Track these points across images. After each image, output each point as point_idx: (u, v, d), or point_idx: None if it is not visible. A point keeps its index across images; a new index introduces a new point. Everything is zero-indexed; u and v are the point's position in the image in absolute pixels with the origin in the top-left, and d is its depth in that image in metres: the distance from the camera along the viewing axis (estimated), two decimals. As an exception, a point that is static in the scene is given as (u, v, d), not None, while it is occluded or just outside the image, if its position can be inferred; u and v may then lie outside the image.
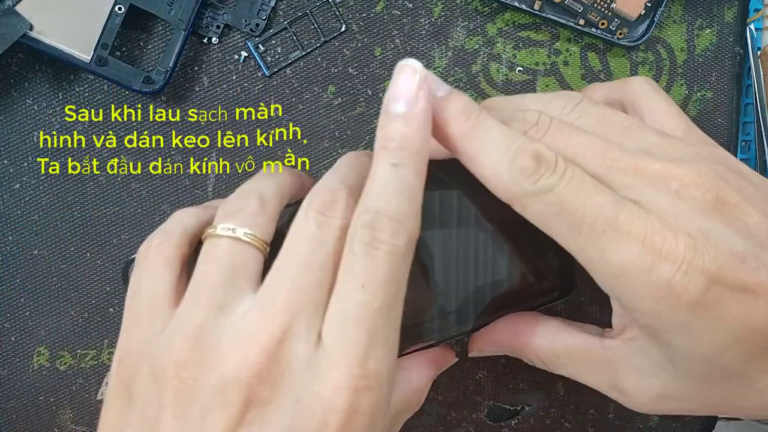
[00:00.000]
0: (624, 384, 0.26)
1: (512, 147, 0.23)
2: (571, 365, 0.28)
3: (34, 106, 0.32)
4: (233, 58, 0.32)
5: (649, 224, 0.22)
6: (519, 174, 0.23)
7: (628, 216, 0.22)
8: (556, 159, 0.23)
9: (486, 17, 0.33)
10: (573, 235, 0.23)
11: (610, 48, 0.34)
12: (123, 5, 0.30)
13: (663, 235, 0.22)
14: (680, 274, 0.22)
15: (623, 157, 0.24)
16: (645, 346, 0.25)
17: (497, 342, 0.30)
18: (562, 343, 0.28)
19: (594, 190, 0.23)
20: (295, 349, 0.21)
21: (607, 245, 0.22)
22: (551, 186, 0.23)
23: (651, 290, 0.22)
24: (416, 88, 0.23)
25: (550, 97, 0.27)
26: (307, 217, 0.23)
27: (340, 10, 0.33)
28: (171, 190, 0.33)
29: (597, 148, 0.24)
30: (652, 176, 0.24)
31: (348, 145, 0.33)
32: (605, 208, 0.22)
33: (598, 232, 0.22)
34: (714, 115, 0.34)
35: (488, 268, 0.32)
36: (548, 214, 0.23)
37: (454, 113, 0.24)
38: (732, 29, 0.34)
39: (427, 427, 0.35)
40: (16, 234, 0.32)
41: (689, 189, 0.23)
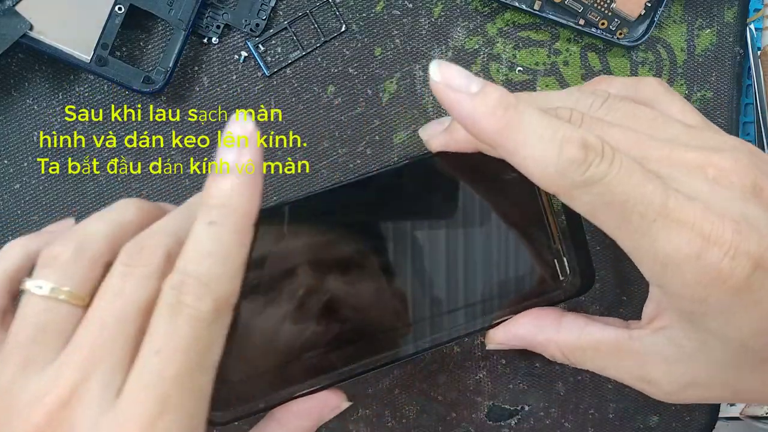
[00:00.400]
0: (652, 374, 0.26)
1: (557, 136, 0.22)
2: (598, 359, 0.28)
3: (34, 106, 0.32)
4: (233, 58, 0.32)
5: (697, 210, 0.22)
6: (567, 164, 0.22)
7: (677, 203, 0.22)
8: (602, 146, 0.22)
9: (486, 17, 0.33)
10: (623, 225, 0.23)
11: (610, 48, 0.34)
12: (123, 5, 0.30)
13: (711, 221, 0.22)
14: (728, 259, 0.22)
15: (658, 147, 0.24)
16: (676, 334, 0.25)
17: (520, 336, 0.30)
18: (589, 336, 0.28)
19: (644, 177, 0.22)
20: (82, 412, 0.20)
21: (658, 233, 0.22)
22: (601, 175, 0.22)
23: (699, 276, 0.22)
24: (240, 144, 0.23)
25: (577, 95, 0.27)
26: (113, 268, 0.22)
27: (340, 10, 0.33)
28: (171, 190, 0.33)
29: (631, 139, 0.24)
30: (688, 164, 0.23)
31: (348, 145, 0.33)
32: (655, 196, 0.22)
33: (649, 221, 0.22)
34: (714, 115, 0.34)
35: (506, 264, 0.32)
36: (598, 204, 0.23)
37: (490, 107, 0.23)
38: (732, 29, 0.34)
39: (427, 427, 0.35)
40: (16, 234, 0.32)
41: (727, 175, 0.23)
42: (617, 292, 0.35)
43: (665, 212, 0.22)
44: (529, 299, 0.31)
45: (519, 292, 0.32)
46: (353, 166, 0.33)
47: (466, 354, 0.35)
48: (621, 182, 0.22)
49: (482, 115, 0.23)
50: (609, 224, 0.23)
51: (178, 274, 0.21)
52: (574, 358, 0.29)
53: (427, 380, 0.35)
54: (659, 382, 0.26)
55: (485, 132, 0.23)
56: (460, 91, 0.23)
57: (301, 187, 0.33)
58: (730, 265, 0.22)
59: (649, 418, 0.36)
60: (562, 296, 0.32)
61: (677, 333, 0.25)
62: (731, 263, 0.22)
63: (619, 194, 0.22)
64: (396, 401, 0.35)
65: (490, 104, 0.23)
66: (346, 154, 0.33)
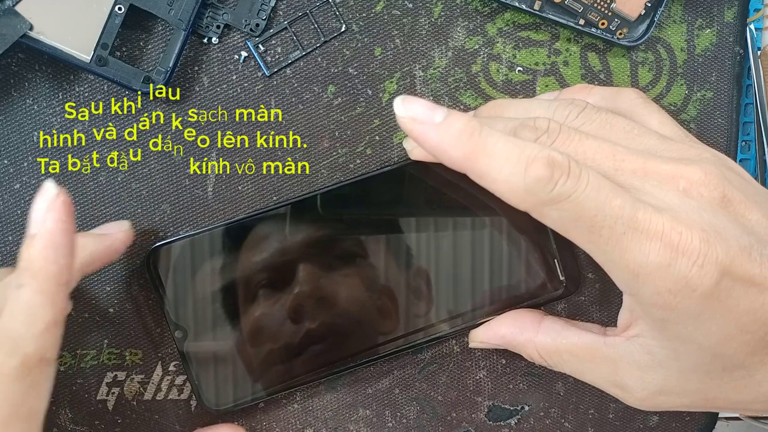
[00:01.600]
0: (625, 380, 0.27)
1: (523, 157, 0.23)
2: (573, 362, 0.29)
3: (34, 106, 0.32)
4: (233, 58, 0.32)
5: (665, 221, 0.23)
6: (534, 183, 0.23)
7: (645, 215, 0.23)
8: (569, 164, 0.23)
9: (486, 17, 0.33)
10: (593, 239, 0.23)
11: (610, 48, 0.34)
12: (123, 5, 0.30)
13: (679, 231, 0.23)
14: (696, 267, 0.22)
15: (632, 159, 0.24)
16: (649, 342, 0.26)
17: (501, 335, 0.31)
18: (566, 340, 0.29)
19: (611, 193, 0.23)
20: None
21: (627, 246, 0.23)
22: (569, 192, 0.23)
23: (669, 284, 0.23)
24: (45, 210, 0.24)
25: (555, 105, 0.28)
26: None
27: (340, 10, 0.33)
28: (171, 190, 0.33)
29: (606, 150, 0.25)
30: (660, 176, 0.24)
31: (348, 145, 0.33)
32: (624, 209, 0.23)
33: (618, 234, 0.23)
34: (714, 115, 0.34)
35: (495, 266, 0.32)
36: (567, 220, 0.23)
37: (454, 136, 0.24)
38: (732, 29, 0.34)
39: (427, 427, 0.35)
40: (16, 234, 0.32)
41: (697, 187, 0.24)
42: (617, 292, 0.35)
43: (634, 224, 0.23)
44: (514, 302, 0.32)
45: (503, 294, 0.32)
46: (353, 166, 0.33)
47: (466, 354, 0.35)
48: (589, 198, 0.23)
49: (448, 144, 0.24)
50: (580, 239, 0.24)
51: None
52: (551, 361, 0.29)
53: (427, 380, 0.35)
54: (632, 388, 0.27)
55: (453, 159, 0.24)
56: (424, 122, 0.24)
57: (301, 187, 0.33)
58: (699, 273, 0.22)
59: (649, 418, 0.36)
60: (548, 298, 0.32)
61: (649, 341, 0.26)
62: (700, 271, 0.22)
63: (587, 210, 0.23)
64: (396, 401, 0.35)
65: (454, 133, 0.24)
66: (346, 154, 0.33)
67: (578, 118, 0.27)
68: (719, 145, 0.35)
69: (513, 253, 0.32)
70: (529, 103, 0.29)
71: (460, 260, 0.32)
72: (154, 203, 0.33)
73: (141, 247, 0.33)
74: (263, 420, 0.34)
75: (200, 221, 0.33)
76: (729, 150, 0.35)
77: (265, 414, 0.34)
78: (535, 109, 0.28)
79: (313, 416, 0.35)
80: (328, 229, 0.32)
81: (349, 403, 0.35)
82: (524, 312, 0.31)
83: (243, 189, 0.33)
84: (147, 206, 0.33)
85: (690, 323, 0.24)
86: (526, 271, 0.32)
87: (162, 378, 0.33)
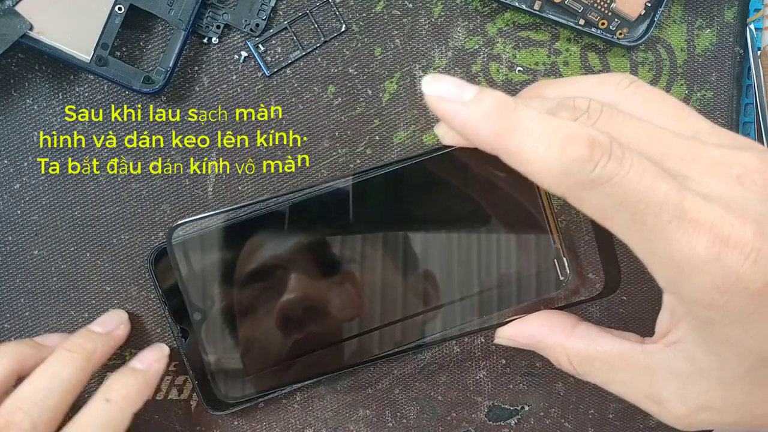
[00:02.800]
0: (663, 393, 0.24)
1: (560, 134, 0.21)
2: (605, 371, 0.26)
3: (34, 106, 0.32)
4: (233, 58, 0.32)
5: (716, 211, 0.21)
6: (572, 164, 0.21)
7: (693, 203, 0.21)
8: (611, 144, 0.21)
9: (486, 17, 0.33)
10: (636, 227, 0.21)
11: (610, 48, 0.34)
12: (123, 5, 0.30)
13: (731, 222, 0.21)
14: (749, 263, 0.20)
15: (680, 143, 0.23)
16: (690, 348, 0.23)
17: (530, 335, 0.29)
18: (600, 347, 0.26)
19: (657, 177, 0.21)
20: None
21: (673, 235, 0.21)
22: (610, 174, 0.21)
23: (718, 280, 0.21)
24: (155, 359, 0.32)
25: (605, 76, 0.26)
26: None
27: (340, 10, 0.33)
28: (171, 190, 0.33)
29: (652, 133, 0.23)
30: (710, 162, 0.22)
31: (348, 145, 0.33)
32: (670, 196, 0.21)
33: (663, 223, 0.21)
34: (714, 115, 0.34)
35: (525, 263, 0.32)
36: (608, 205, 0.21)
37: (485, 113, 0.22)
38: (732, 29, 0.34)
39: (427, 427, 0.35)
40: (16, 234, 0.32)
41: (751, 174, 0.22)
42: (617, 292, 0.35)
43: (681, 213, 0.21)
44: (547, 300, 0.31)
45: (518, 291, 0.32)
46: (353, 166, 0.33)
47: (466, 354, 0.35)
48: (632, 182, 0.21)
49: (478, 122, 0.22)
50: (621, 227, 0.22)
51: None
52: (582, 368, 0.27)
53: (427, 380, 0.35)
54: (669, 402, 0.24)
55: (484, 139, 0.23)
56: (453, 101, 0.23)
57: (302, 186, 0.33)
58: (752, 269, 0.20)
59: (650, 419, 0.36)
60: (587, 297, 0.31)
61: (691, 346, 0.23)
62: (752, 267, 0.20)
63: (630, 195, 0.21)
64: (396, 401, 0.35)
65: (484, 110, 0.22)
66: (346, 154, 0.33)
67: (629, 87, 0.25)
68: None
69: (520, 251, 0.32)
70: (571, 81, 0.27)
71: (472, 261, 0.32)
72: (154, 203, 0.33)
73: (141, 248, 0.33)
74: (263, 420, 0.34)
75: (200, 221, 0.33)
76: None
77: (265, 414, 0.34)
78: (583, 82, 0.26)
79: (313, 416, 0.35)
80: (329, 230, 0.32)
81: (349, 403, 0.35)
82: (557, 313, 0.28)
83: (243, 189, 0.33)
84: (147, 206, 0.33)
85: (739, 324, 0.21)
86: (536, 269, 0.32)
87: (162, 378, 0.34)
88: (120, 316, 0.33)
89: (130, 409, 0.30)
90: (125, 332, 0.32)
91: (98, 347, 0.31)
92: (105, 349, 0.31)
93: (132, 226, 0.33)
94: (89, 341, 0.30)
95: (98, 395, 0.30)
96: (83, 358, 0.30)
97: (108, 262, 0.33)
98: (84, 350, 0.30)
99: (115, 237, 0.33)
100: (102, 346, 0.31)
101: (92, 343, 0.30)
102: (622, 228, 0.22)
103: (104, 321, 0.32)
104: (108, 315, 0.33)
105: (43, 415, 0.28)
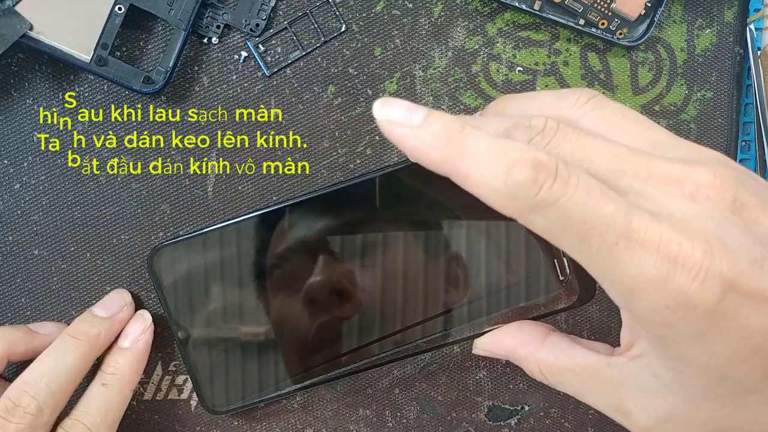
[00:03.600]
0: (629, 405, 0.25)
1: (505, 158, 0.21)
2: (575, 383, 0.27)
3: (34, 106, 0.32)
4: (233, 58, 0.32)
5: (663, 230, 0.21)
6: (517, 187, 0.21)
7: (641, 223, 0.21)
8: (556, 166, 0.21)
9: (486, 17, 0.33)
10: (584, 248, 0.22)
11: (610, 48, 0.34)
12: (123, 5, 0.30)
13: (679, 242, 0.21)
14: (697, 282, 0.21)
15: (634, 160, 0.23)
16: (654, 363, 0.24)
17: (504, 345, 0.29)
18: (569, 359, 0.27)
19: (603, 198, 0.21)
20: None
21: (621, 256, 0.21)
22: (555, 197, 0.21)
23: (667, 300, 0.21)
24: (140, 332, 0.32)
25: (565, 92, 0.26)
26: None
27: (340, 10, 0.33)
28: (171, 190, 0.33)
29: (607, 151, 0.23)
30: (664, 178, 0.22)
31: (348, 145, 0.33)
32: (617, 216, 0.21)
33: (610, 244, 0.21)
34: (714, 115, 0.34)
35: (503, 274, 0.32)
36: (555, 227, 0.22)
37: (433, 138, 0.22)
38: (732, 29, 0.34)
39: (427, 427, 0.35)
40: (16, 234, 0.32)
41: (704, 190, 0.22)
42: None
43: (628, 234, 0.21)
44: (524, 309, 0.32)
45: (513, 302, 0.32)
46: (353, 166, 0.33)
47: (466, 354, 0.35)
48: (578, 203, 0.21)
49: (427, 146, 0.23)
50: (570, 247, 0.22)
51: (70, 419, 0.30)
52: (553, 379, 0.27)
53: (427, 380, 0.35)
54: (635, 414, 0.25)
55: (433, 162, 0.23)
56: (403, 125, 0.23)
57: (301, 187, 0.33)
58: (700, 288, 0.20)
59: (649, 418, 0.36)
60: (562, 306, 0.32)
61: (654, 361, 0.24)
62: (701, 287, 0.20)
63: (576, 216, 0.21)
64: (396, 401, 0.35)
65: (432, 134, 0.22)
66: (347, 154, 0.33)
67: (588, 102, 0.25)
68: (719, 145, 0.35)
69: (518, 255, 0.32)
70: (532, 96, 0.27)
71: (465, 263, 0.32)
72: (154, 203, 0.33)
73: (141, 248, 0.33)
74: (263, 420, 0.34)
75: (200, 221, 0.33)
76: (729, 150, 0.35)
77: (265, 414, 0.34)
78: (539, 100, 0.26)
79: (313, 416, 0.35)
80: (329, 231, 0.32)
81: (349, 403, 0.35)
82: (530, 324, 0.29)
83: (243, 189, 0.33)
84: (147, 206, 0.33)
85: (693, 342, 0.22)
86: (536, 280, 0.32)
87: (162, 378, 0.34)
88: (124, 298, 0.32)
89: (126, 388, 0.31)
90: (129, 314, 0.32)
91: (102, 333, 0.31)
92: (108, 334, 0.31)
93: (132, 226, 0.33)
94: (93, 327, 0.31)
95: (95, 381, 0.31)
96: (87, 344, 0.30)
97: (108, 262, 0.33)
98: (88, 337, 0.30)
99: (115, 237, 0.33)
100: (105, 332, 0.31)
101: (96, 329, 0.31)
102: (571, 249, 0.22)
103: (108, 303, 0.32)
104: (111, 296, 0.33)
105: (49, 400, 0.29)
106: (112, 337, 0.31)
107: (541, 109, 0.26)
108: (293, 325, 0.32)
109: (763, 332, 0.21)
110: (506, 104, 0.28)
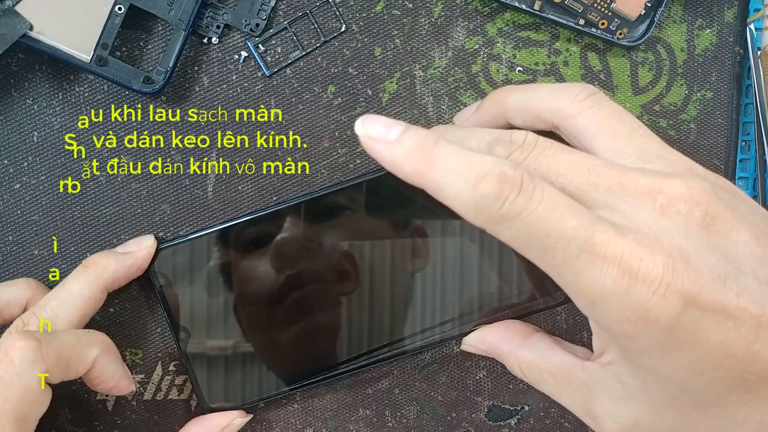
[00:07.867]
0: (597, 410, 0.25)
1: (473, 172, 0.22)
2: (551, 383, 0.28)
3: (34, 106, 0.32)
4: (233, 58, 0.32)
5: (626, 245, 0.21)
6: (482, 200, 0.22)
7: (603, 237, 0.21)
8: (521, 180, 0.22)
9: (486, 17, 0.33)
10: (548, 260, 0.22)
11: (610, 48, 0.34)
12: (123, 5, 0.30)
13: (640, 256, 0.21)
14: (657, 297, 0.21)
15: (608, 173, 0.23)
16: (621, 371, 0.24)
17: (488, 342, 0.30)
18: (547, 360, 0.28)
19: (566, 212, 0.22)
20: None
21: (582, 269, 0.22)
22: (519, 210, 0.22)
23: (627, 313, 0.21)
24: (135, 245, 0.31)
25: (564, 86, 0.27)
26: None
27: (340, 10, 0.33)
28: (171, 190, 0.33)
29: (582, 165, 0.24)
30: (636, 191, 0.23)
31: (348, 145, 0.33)
32: (579, 231, 0.21)
33: (572, 257, 0.22)
34: (714, 115, 0.34)
35: (487, 274, 0.32)
36: (520, 239, 0.22)
37: (406, 153, 0.23)
38: (732, 29, 0.34)
39: (427, 427, 0.35)
40: (16, 234, 0.32)
41: (675, 203, 0.22)
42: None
43: (589, 247, 0.21)
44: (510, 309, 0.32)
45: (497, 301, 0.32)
46: (353, 166, 0.33)
47: (466, 354, 0.35)
48: (540, 217, 0.22)
49: (401, 160, 0.23)
50: (536, 259, 0.23)
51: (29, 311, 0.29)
52: (531, 378, 0.28)
53: (427, 380, 0.35)
54: (603, 419, 0.25)
55: (407, 176, 0.24)
56: (381, 140, 0.24)
57: (301, 187, 0.33)
58: (660, 303, 0.21)
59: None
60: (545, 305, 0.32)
61: (621, 369, 0.24)
62: (661, 301, 0.21)
63: (539, 229, 0.22)
64: (396, 401, 0.35)
65: (406, 149, 0.23)
66: (347, 154, 0.33)
67: (586, 100, 0.26)
68: (719, 145, 0.35)
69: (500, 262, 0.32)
70: (532, 88, 0.28)
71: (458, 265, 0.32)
72: (154, 203, 0.33)
73: (141, 247, 0.33)
74: (263, 420, 0.34)
75: (200, 221, 0.33)
76: (729, 150, 0.35)
77: (265, 414, 0.34)
78: (539, 92, 0.27)
79: (313, 416, 0.35)
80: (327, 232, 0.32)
81: (349, 403, 0.35)
82: (514, 323, 0.30)
83: (243, 189, 0.33)
84: (147, 206, 0.33)
85: (654, 354, 0.22)
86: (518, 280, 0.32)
87: (162, 378, 0.34)
88: (146, 240, 0.32)
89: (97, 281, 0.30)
90: (147, 254, 0.31)
91: (111, 263, 0.30)
92: (119, 266, 0.31)
93: (132, 226, 0.33)
94: (103, 257, 0.31)
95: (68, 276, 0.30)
96: (93, 273, 0.30)
97: (108, 262, 0.33)
98: (96, 265, 0.30)
99: (115, 237, 0.33)
100: (116, 263, 0.30)
101: (105, 260, 0.30)
102: (537, 260, 0.23)
103: (128, 243, 0.32)
104: (135, 239, 0.32)
105: (57, 322, 0.29)
106: (125, 271, 0.31)
107: (539, 100, 0.27)
108: (293, 325, 0.32)
109: (724, 347, 0.21)
110: (505, 96, 0.28)
